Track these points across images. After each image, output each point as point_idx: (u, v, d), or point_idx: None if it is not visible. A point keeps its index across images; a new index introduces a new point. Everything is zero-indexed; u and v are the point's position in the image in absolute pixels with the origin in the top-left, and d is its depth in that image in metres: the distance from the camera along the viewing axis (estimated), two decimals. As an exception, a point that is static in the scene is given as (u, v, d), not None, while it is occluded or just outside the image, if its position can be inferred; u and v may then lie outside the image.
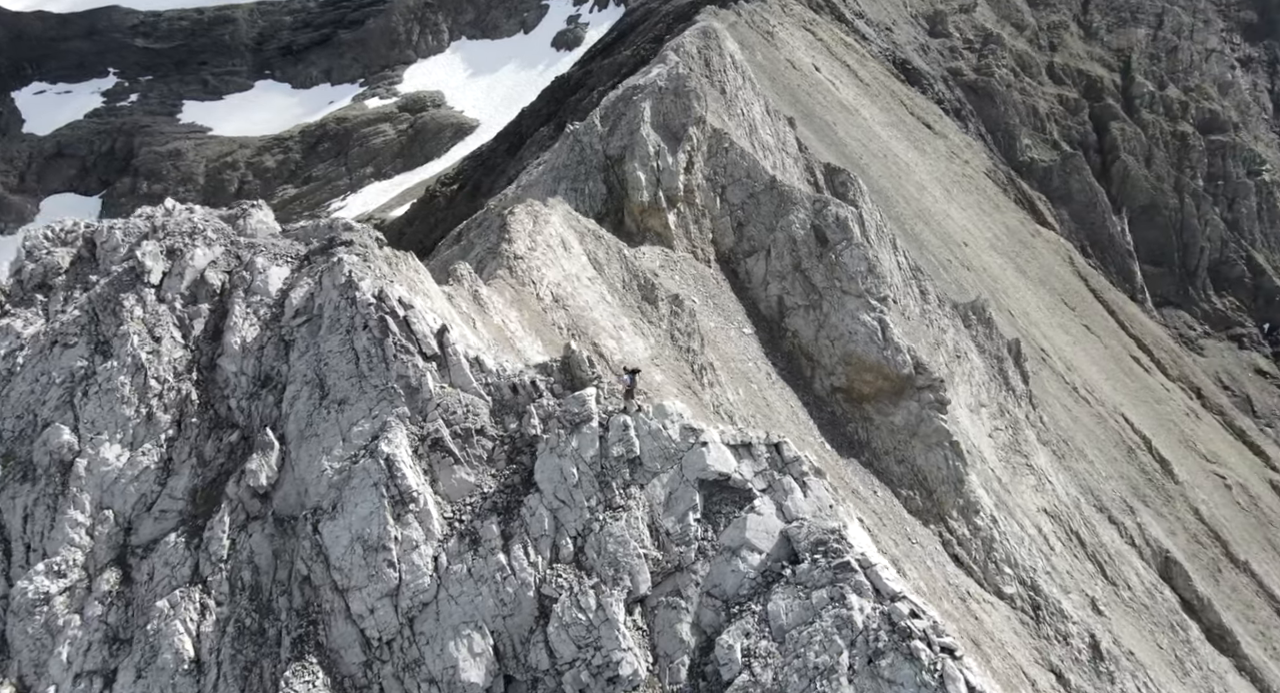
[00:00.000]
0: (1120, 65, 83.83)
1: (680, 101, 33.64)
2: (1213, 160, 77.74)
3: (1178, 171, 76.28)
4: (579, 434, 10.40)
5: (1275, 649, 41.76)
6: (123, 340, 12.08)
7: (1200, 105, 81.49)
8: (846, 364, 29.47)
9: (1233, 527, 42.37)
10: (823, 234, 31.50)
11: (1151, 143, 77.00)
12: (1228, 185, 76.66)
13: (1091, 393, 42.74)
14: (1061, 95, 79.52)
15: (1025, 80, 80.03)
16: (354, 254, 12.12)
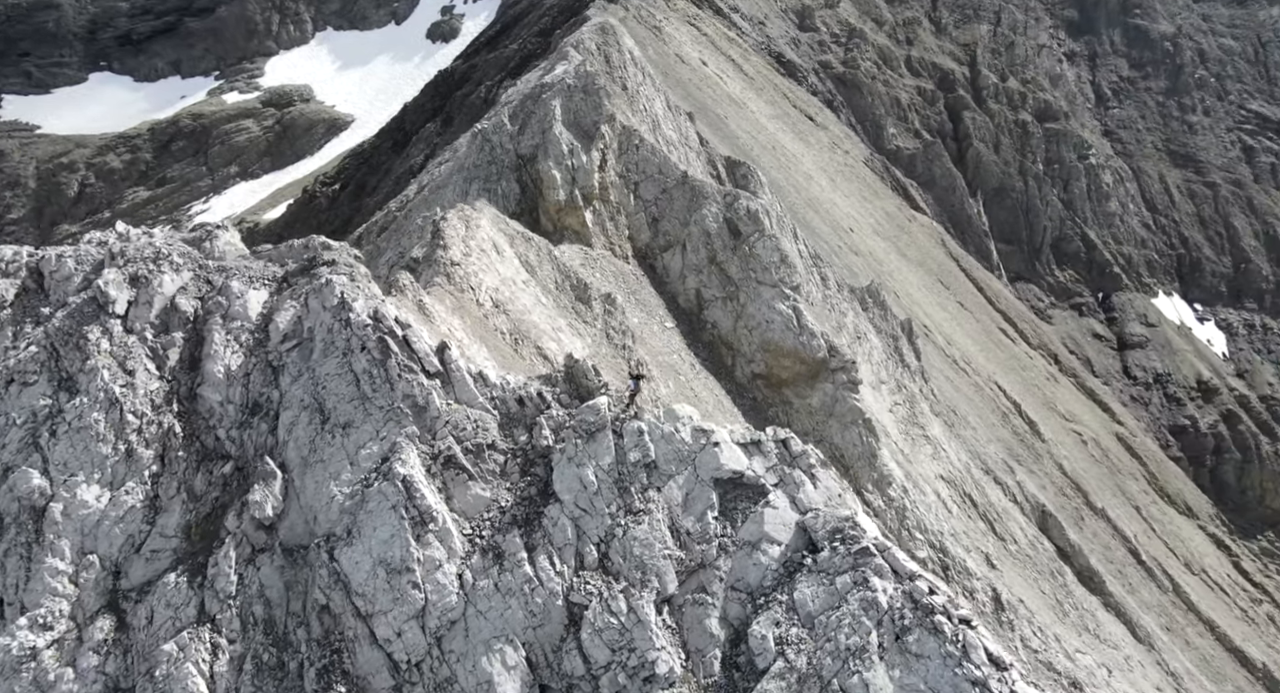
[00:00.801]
0: (967, 59, 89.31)
1: (590, 100, 33.79)
2: (1049, 146, 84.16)
3: (1021, 157, 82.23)
4: (595, 443, 10.67)
5: (1131, 585, 46.23)
6: (91, 375, 11.41)
7: (1036, 96, 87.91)
8: (765, 351, 30.61)
9: (1090, 478, 46.54)
10: (735, 227, 32.49)
11: (998, 130, 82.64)
12: (1062, 168, 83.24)
13: (969, 365, 45.88)
14: (920, 87, 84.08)
15: (888, 72, 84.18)
16: (340, 274, 11.86)
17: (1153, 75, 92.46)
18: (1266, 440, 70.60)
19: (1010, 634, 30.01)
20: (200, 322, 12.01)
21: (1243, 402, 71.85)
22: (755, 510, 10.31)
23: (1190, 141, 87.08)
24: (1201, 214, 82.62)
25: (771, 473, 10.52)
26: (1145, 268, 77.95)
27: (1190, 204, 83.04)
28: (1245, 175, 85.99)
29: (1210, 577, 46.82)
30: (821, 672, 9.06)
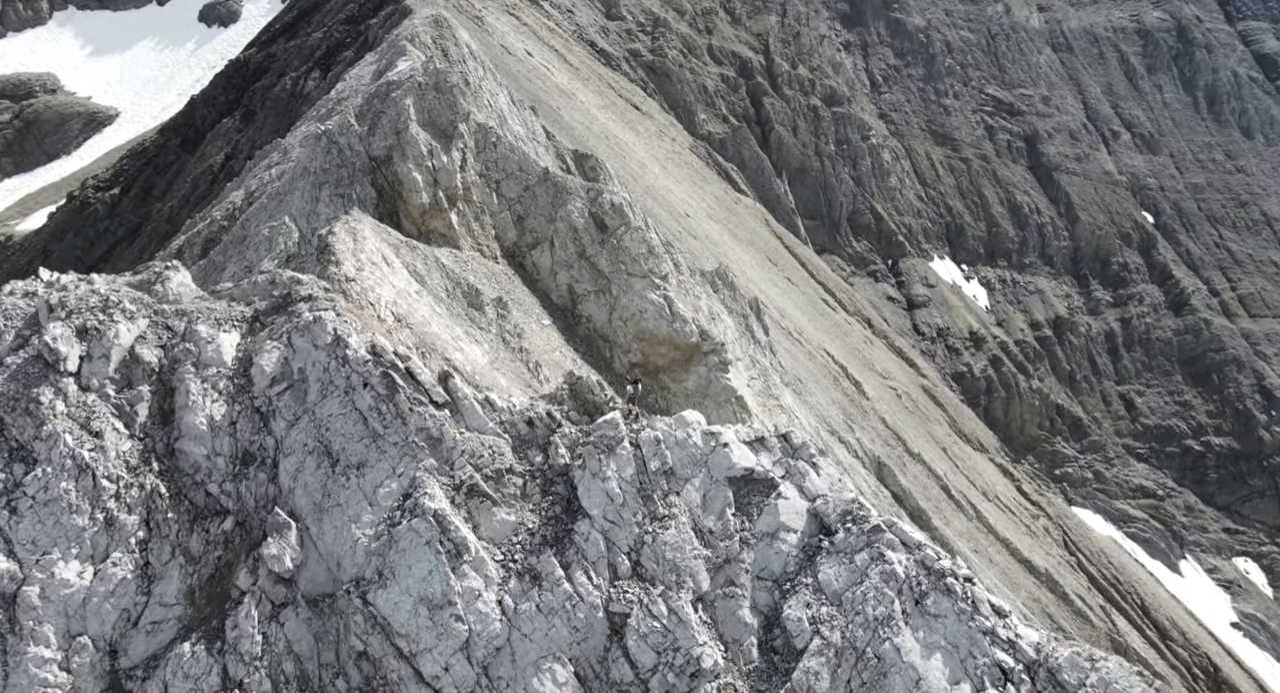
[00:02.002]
0: (761, 48, 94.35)
1: (445, 97, 32.87)
2: (838, 128, 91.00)
3: (816, 139, 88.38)
4: (615, 456, 11.04)
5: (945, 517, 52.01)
6: (50, 442, 10.27)
7: (823, 82, 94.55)
8: (640, 341, 31.52)
9: (906, 428, 51.72)
10: (601, 221, 33.02)
11: (795, 115, 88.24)
12: (850, 148, 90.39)
13: (801, 335, 49.36)
14: (723, 74, 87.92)
15: (693, 60, 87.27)
16: (325, 309, 11.34)
17: (912, 63, 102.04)
18: (1023, 379, 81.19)
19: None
20: (167, 372, 11.08)
21: (1004, 347, 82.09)
22: (769, 503, 11.16)
23: (946, 122, 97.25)
24: (960, 186, 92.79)
25: (778, 466, 11.40)
26: (922, 235, 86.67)
27: (951, 177, 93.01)
28: (990, 151, 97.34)
29: (1002, 501, 53.64)
30: (855, 643, 10.11)
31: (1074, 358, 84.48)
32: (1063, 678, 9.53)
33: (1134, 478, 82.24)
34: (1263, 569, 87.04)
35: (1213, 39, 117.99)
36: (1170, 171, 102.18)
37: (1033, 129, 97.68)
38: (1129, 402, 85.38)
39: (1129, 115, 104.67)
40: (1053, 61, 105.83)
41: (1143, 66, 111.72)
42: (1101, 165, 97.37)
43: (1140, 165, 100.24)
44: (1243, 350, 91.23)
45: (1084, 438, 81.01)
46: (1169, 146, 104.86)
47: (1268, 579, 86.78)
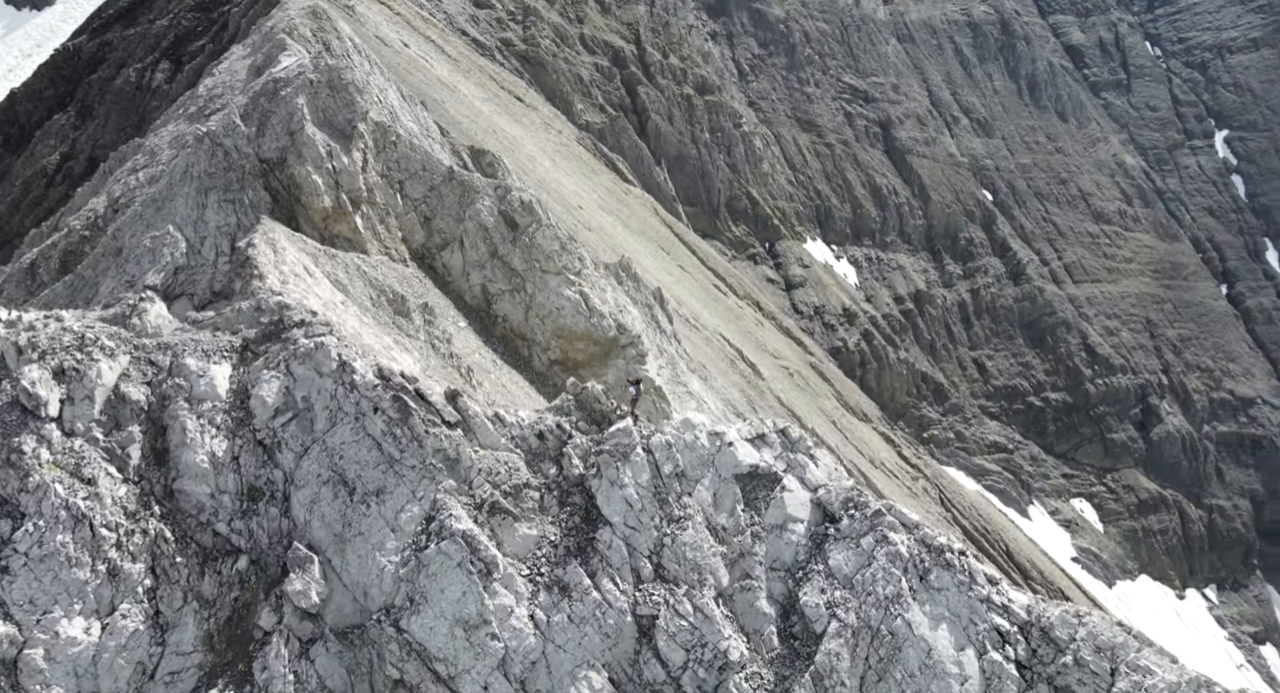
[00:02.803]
0: (633, 37, 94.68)
1: (341, 96, 31.35)
2: (711, 116, 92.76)
3: (691, 127, 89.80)
4: (630, 463, 11.20)
5: (835, 485, 54.69)
6: (39, 494, 9.45)
7: (694, 71, 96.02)
8: (559, 338, 31.40)
9: (799, 404, 53.97)
10: (511, 219, 32.54)
11: (670, 104, 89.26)
12: (724, 136, 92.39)
13: (698, 321, 50.46)
14: (597, 64, 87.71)
15: (566, 50, 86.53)
16: (321, 334, 10.87)
17: (775, 53, 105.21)
18: (892, 350, 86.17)
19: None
20: (156, 410, 10.35)
21: (873, 321, 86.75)
22: (774, 497, 11.64)
23: (809, 109, 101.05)
24: (826, 170, 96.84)
25: (779, 461, 11.89)
26: (795, 218, 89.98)
27: (818, 162, 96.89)
28: (850, 136, 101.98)
29: (886, 467, 56.99)
30: (870, 622, 10.78)
31: (933, 328, 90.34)
32: (1055, 635, 10.54)
33: (988, 435, 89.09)
34: (1094, 507, 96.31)
35: (1030, 32, 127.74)
36: (1003, 153, 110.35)
37: (886, 115, 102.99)
38: (981, 365, 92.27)
39: (966, 102, 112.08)
40: (899, 52, 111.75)
41: (974, 56, 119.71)
42: (946, 148, 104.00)
43: (978, 148, 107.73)
44: (1070, 314, 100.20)
45: (945, 401, 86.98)
46: (1001, 130, 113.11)
47: (1098, 516, 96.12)
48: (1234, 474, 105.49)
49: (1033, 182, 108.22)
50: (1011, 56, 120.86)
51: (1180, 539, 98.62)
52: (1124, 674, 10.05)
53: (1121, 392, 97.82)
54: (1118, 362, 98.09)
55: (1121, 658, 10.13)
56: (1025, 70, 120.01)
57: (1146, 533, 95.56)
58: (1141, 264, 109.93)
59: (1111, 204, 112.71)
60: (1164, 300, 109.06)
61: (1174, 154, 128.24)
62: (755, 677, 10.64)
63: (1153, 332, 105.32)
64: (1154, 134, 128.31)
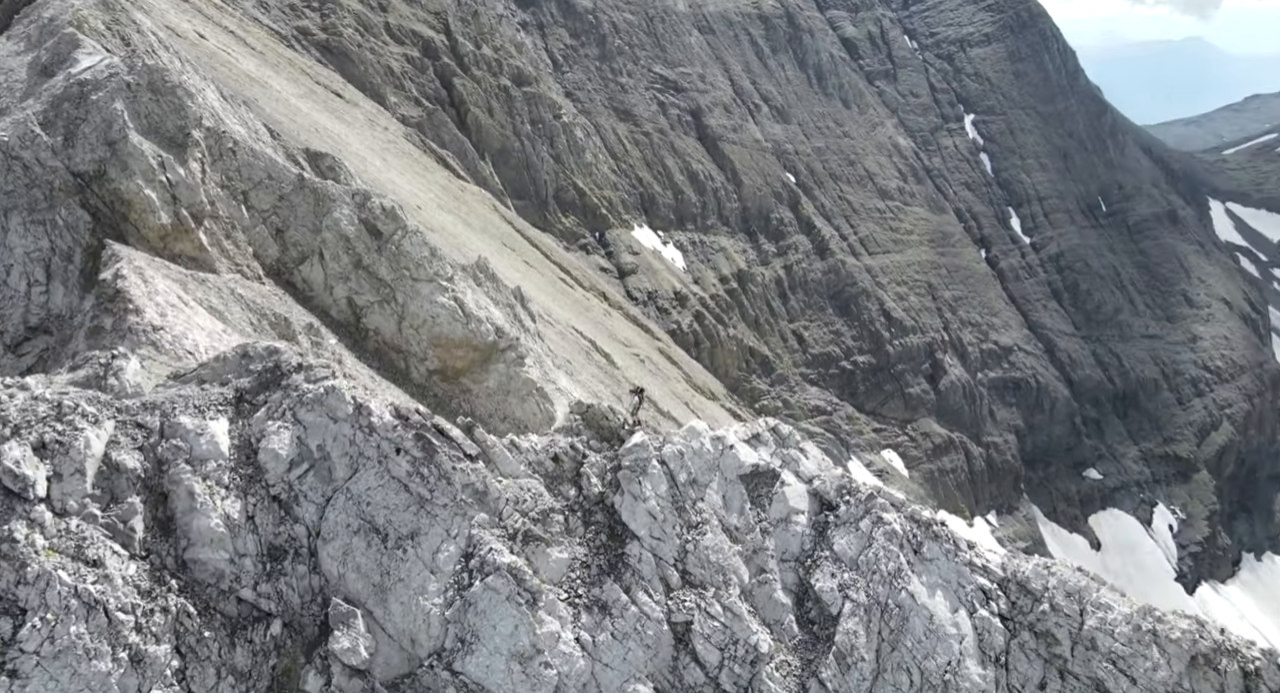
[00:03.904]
0: (442, 27, 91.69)
1: (167, 100, 28.16)
2: (531, 108, 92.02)
3: (512, 119, 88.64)
4: (649, 476, 11.36)
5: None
6: (41, 584, 8.23)
7: (509, 62, 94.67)
8: (436, 347, 30.25)
9: (654, 390, 55.47)
10: (373, 227, 30.85)
11: (488, 96, 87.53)
12: (545, 127, 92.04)
13: (550, 316, 50.42)
14: (407, 54, 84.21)
15: (371, 40, 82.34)
16: (325, 377, 10.11)
17: (587, 44, 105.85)
18: (722, 328, 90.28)
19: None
20: (154, 476, 9.23)
21: (703, 303, 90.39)
22: (775, 492, 12.24)
23: (625, 99, 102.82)
24: (646, 158, 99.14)
25: (775, 457, 12.49)
26: (622, 207, 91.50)
27: (638, 151, 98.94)
28: (665, 125, 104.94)
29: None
30: (879, 599, 11.69)
31: (755, 305, 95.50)
32: (1031, 587, 11.96)
33: (810, 400, 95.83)
34: (900, 456, 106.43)
35: (812, 25, 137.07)
36: (800, 138, 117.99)
37: (695, 104, 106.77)
38: (799, 336, 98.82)
39: (764, 90, 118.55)
40: (701, 43, 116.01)
41: (768, 47, 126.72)
42: (752, 134, 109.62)
43: (779, 133, 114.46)
44: (868, 283, 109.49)
45: (772, 373, 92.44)
46: (796, 117, 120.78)
47: (903, 463, 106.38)
48: (1002, 413, 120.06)
49: (827, 163, 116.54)
50: (799, 48, 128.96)
51: (967, 475, 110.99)
52: (1091, 612, 11.63)
53: (914, 350, 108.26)
54: (909, 323, 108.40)
55: (1087, 599, 11.71)
56: (812, 61, 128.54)
57: (941, 473, 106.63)
58: (920, 235, 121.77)
59: (892, 182, 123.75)
60: (939, 266, 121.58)
61: (935, 136, 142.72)
62: (784, 665, 11.26)
63: (934, 294, 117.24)
64: (919, 118, 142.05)
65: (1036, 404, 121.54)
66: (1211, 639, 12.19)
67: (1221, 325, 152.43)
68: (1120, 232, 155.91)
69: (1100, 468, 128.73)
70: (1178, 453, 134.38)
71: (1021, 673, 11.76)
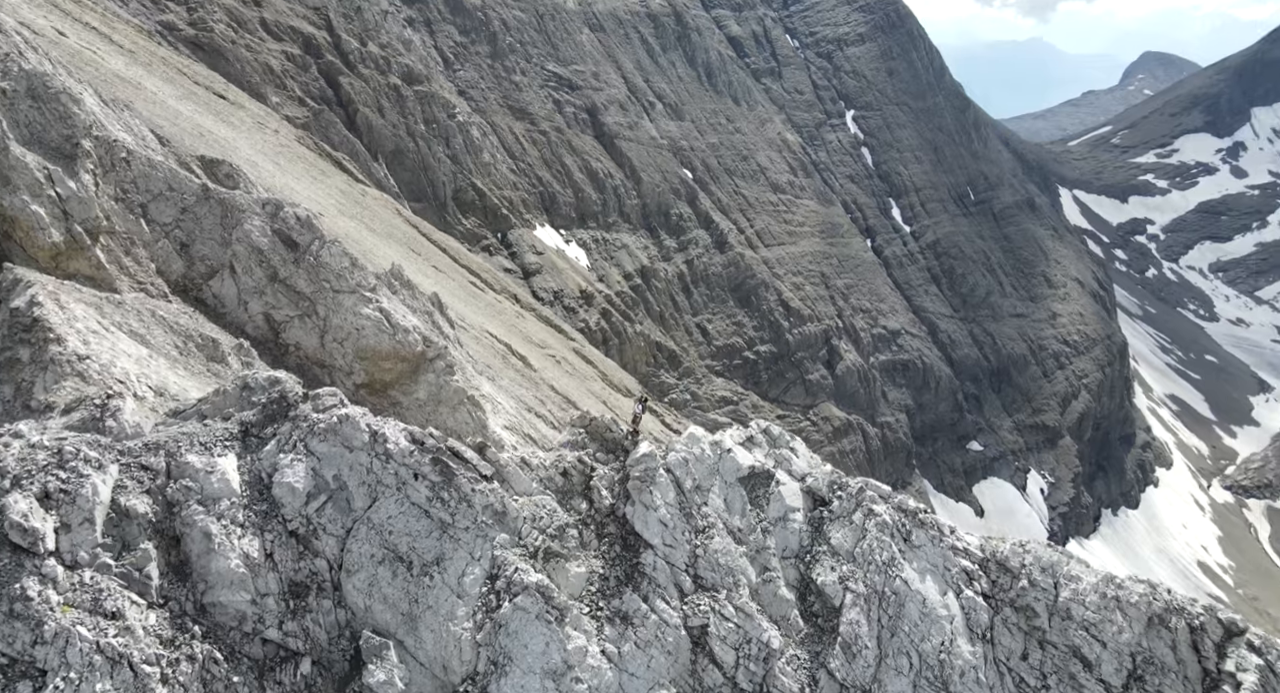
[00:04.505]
0: (323, 23, 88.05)
1: (50, 107, 25.98)
2: (424, 107, 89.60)
3: (404, 119, 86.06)
4: (658, 485, 11.47)
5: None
6: (61, 642, 7.65)
7: (397, 60, 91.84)
8: (363, 360, 29.13)
9: (572, 390, 55.33)
10: (288, 237, 29.47)
11: (378, 95, 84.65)
12: (440, 127, 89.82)
13: (464, 321, 49.52)
14: (287, 52, 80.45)
15: (247, 37, 78.20)
16: (334, 406, 9.72)
17: (477, 41, 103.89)
18: (628, 325, 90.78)
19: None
20: (164, 519, 8.68)
21: (609, 300, 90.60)
22: (772, 492, 12.59)
23: (520, 98, 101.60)
24: (544, 157, 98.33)
25: (769, 458, 12.82)
26: (523, 206, 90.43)
27: (535, 150, 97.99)
28: (562, 123, 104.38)
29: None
30: (876, 587, 12.23)
31: (660, 300, 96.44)
32: (1010, 565, 12.79)
33: (717, 391, 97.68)
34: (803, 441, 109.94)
35: (700, 23, 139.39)
36: (695, 134, 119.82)
37: (591, 102, 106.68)
38: (704, 329, 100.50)
39: (658, 88, 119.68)
40: (593, 41, 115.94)
41: (658, 46, 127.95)
42: (648, 132, 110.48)
43: (674, 130, 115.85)
44: (766, 275, 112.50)
45: (679, 366, 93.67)
46: (689, 114, 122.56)
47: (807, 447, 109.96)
48: (894, 394, 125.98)
49: (722, 159, 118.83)
50: (688, 46, 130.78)
51: (865, 455, 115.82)
52: (1064, 585, 12.56)
53: (812, 338, 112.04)
54: (806, 312, 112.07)
55: (1059, 572, 12.64)
56: (701, 58, 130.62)
57: (842, 454, 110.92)
58: (811, 227, 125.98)
59: (783, 176, 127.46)
60: (831, 256, 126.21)
61: (820, 131, 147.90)
62: (794, 659, 11.64)
63: (827, 283, 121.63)
64: (804, 114, 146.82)
65: (924, 384, 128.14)
66: (1163, 600, 13.39)
67: (1076, 303, 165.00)
68: (987, 219, 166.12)
69: (981, 440, 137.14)
70: (1045, 422, 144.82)
71: (1006, 646, 12.58)
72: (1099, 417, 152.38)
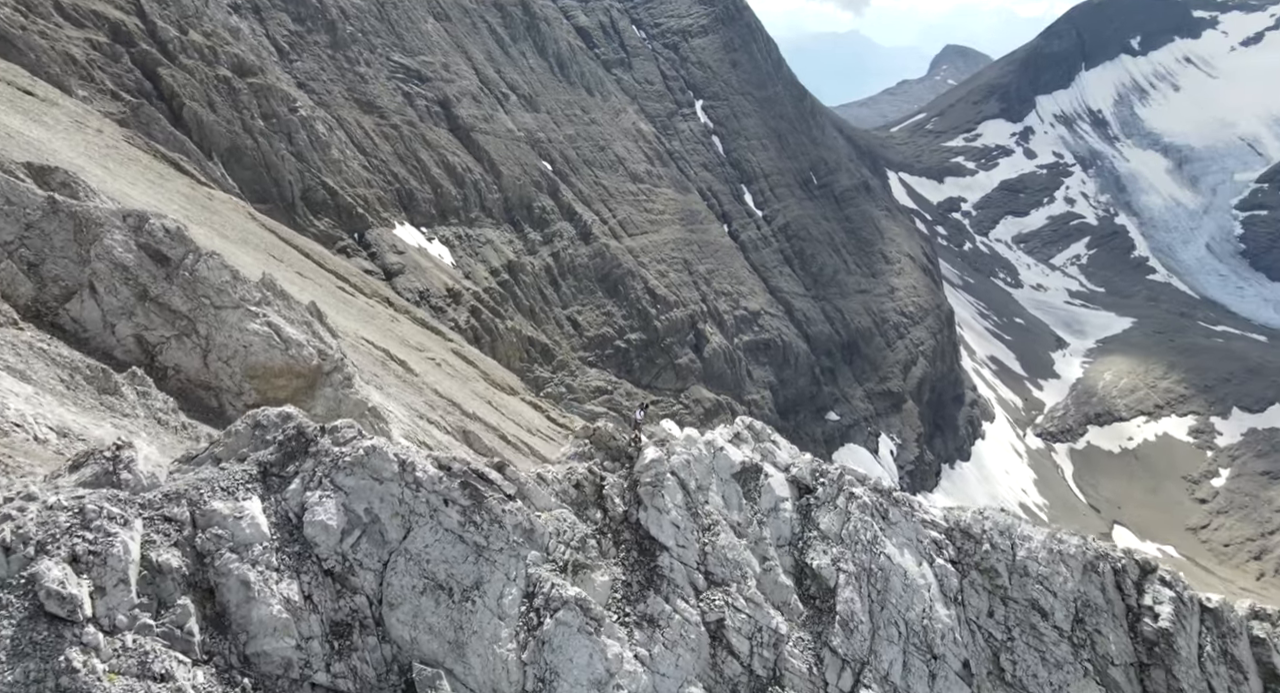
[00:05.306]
0: (133, 8, 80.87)
1: None
2: (260, 101, 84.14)
3: (239, 114, 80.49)
4: (667, 489, 11.74)
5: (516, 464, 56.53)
6: (112, 718, 7.09)
7: (225, 49, 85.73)
8: (253, 378, 27.29)
9: (456, 392, 54.22)
10: (157, 251, 27.16)
11: (206, 88, 78.68)
12: (280, 122, 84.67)
13: (337, 328, 47.41)
14: (92, 40, 73.28)
15: (40, 23, 70.51)
16: (355, 437, 9.34)
17: (314, 30, 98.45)
18: (499, 321, 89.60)
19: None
20: (195, 571, 8.10)
21: (477, 297, 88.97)
22: (762, 484, 13.15)
23: (367, 90, 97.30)
24: (398, 152, 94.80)
25: (756, 452, 13.36)
26: (379, 204, 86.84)
27: (388, 145, 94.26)
28: (414, 117, 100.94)
29: (543, 433, 60.34)
30: (864, 565, 13.08)
31: (529, 294, 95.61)
32: (973, 532, 14.03)
33: (592, 382, 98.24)
34: (676, 424, 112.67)
35: (548, 14, 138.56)
36: (551, 126, 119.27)
37: (443, 94, 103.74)
38: (574, 322, 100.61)
39: (510, 79, 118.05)
40: (440, 30, 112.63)
41: (508, 36, 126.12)
42: (504, 124, 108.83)
43: (530, 122, 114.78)
44: (631, 264, 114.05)
45: (553, 360, 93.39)
46: (544, 105, 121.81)
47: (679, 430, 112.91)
48: (758, 373, 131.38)
49: (580, 150, 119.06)
50: (538, 37, 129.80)
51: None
52: (1020, 544, 13.95)
53: (679, 323, 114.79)
54: (672, 299, 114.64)
55: (1014, 533, 14.01)
56: (552, 49, 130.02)
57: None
58: (671, 215, 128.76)
59: (640, 165, 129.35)
60: (692, 242, 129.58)
61: (672, 121, 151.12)
62: (800, 641, 12.32)
63: (690, 269, 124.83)
64: (656, 105, 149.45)
65: (784, 361, 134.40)
66: (1093, 549, 15.11)
67: (909, 277, 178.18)
68: (830, 202, 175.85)
69: (837, 410, 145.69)
70: (890, 389, 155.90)
71: (974, 606, 13.83)
72: (934, 380, 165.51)
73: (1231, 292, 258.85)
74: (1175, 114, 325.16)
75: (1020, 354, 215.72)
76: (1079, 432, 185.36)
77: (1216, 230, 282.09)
